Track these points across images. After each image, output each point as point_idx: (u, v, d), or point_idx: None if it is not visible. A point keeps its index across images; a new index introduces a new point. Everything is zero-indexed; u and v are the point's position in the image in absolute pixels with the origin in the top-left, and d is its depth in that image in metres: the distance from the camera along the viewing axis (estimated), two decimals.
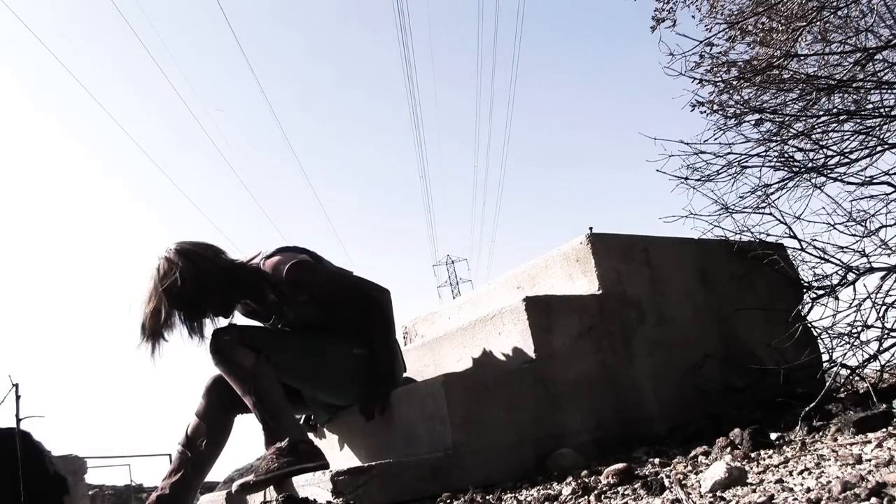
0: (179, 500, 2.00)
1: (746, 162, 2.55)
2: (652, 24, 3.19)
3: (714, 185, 2.61)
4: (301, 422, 2.33)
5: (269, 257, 2.09)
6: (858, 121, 2.55)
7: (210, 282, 2.01)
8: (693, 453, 1.63)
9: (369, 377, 2.05)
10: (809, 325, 2.36)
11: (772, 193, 2.54)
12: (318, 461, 1.85)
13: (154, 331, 1.97)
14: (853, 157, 2.46)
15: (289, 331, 2.15)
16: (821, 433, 1.59)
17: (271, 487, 1.92)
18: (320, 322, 2.13)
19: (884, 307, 2.11)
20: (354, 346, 2.11)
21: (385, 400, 2.01)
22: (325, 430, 2.36)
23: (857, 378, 2.33)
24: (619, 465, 1.45)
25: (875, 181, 2.36)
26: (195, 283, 1.98)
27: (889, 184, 2.34)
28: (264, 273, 2.07)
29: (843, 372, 2.23)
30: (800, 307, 2.30)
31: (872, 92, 2.59)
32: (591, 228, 2.22)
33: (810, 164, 2.50)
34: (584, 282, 2.21)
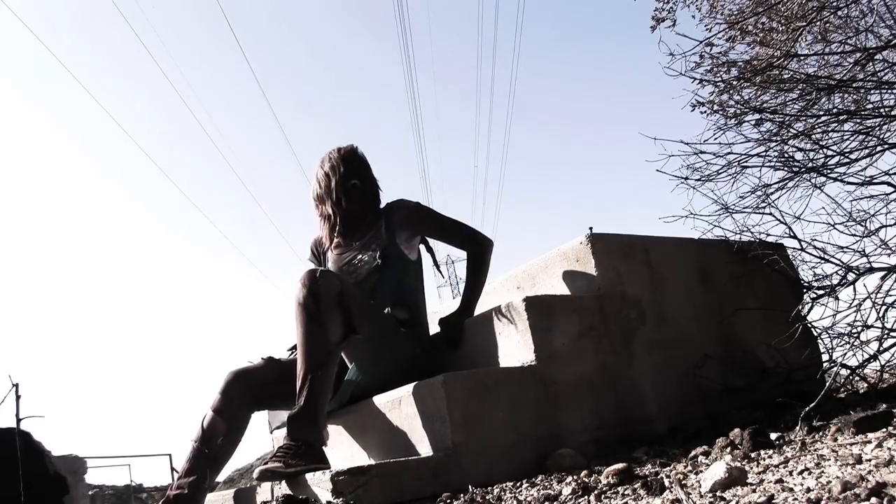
0: (197, 500, 1.95)
1: (746, 162, 2.56)
2: (652, 24, 3.20)
3: (714, 185, 2.61)
4: None
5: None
6: (858, 121, 2.55)
7: (358, 188, 2.31)
8: (693, 453, 1.63)
9: (418, 376, 2.01)
10: (809, 325, 2.36)
11: (772, 193, 2.54)
12: (327, 464, 1.86)
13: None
14: (853, 157, 2.47)
15: (374, 304, 2.14)
16: (821, 433, 1.59)
17: (274, 487, 1.92)
18: (402, 275, 2.24)
19: (884, 307, 2.11)
20: (417, 345, 2.15)
21: (461, 328, 2.20)
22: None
23: (857, 378, 2.34)
24: (619, 465, 1.45)
25: (875, 181, 2.36)
26: (353, 188, 2.30)
27: (889, 184, 2.34)
28: (388, 205, 2.35)
29: (843, 372, 2.23)
30: (800, 307, 2.30)
31: (872, 92, 2.59)
32: (591, 228, 2.22)
33: (810, 164, 2.50)
34: (584, 282, 2.21)
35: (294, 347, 2.14)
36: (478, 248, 2.31)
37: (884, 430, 1.45)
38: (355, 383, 2.16)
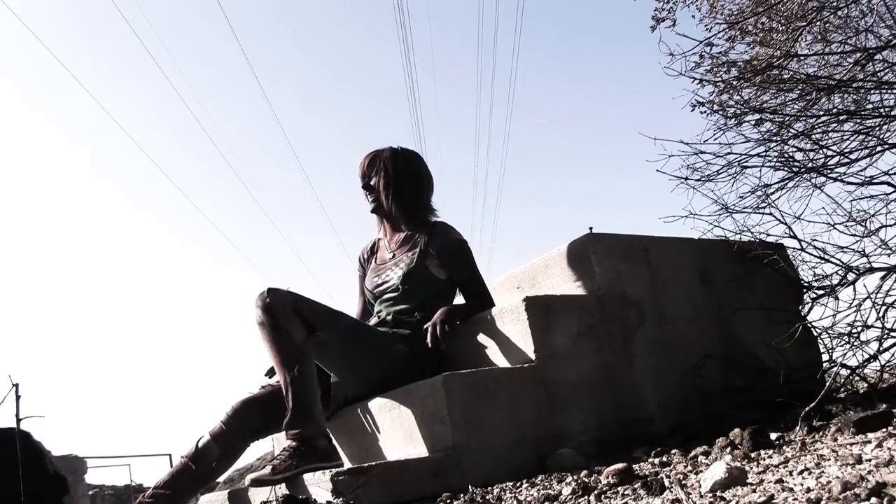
0: None
1: (746, 162, 2.56)
2: (652, 23, 3.19)
3: (714, 185, 2.61)
4: None
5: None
6: (858, 121, 2.55)
7: (410, 191, 2.38)
8: (693, 453, 1.63)
9: (408, 377, 2.03)
10: (809, 325, 2.36)
11: (772, 193, 2.54)
12: (333, 461, 1.85)
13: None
14: (853, 157, 2.47)
15: (340, 312, 2.16)
16: (821, 433, 1.59)
17: (274, 487, 1.92)
18: (424, 296, 2.25)
19: (884, 307, 2.11)
20: (398, 342, 2.14)
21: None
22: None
23: (857, 378, 2.34)
24: (619, 465, 1.45)
25: (875, 181, 2.37)
26: (404, 185, 2.37)
27: (889, 184, 2.34)
28: (435, 224, 2.38)
29: (843, 372, 2.23)
30: (800, 307, 2.30)
31: (872, 92, 2.59)
32: (591, 228, 2.23)
33: (810, 164, 2.50)
34: (584, 282, 2.21)
35: (271, 370, 2.17)
36: (480, 307, 2.27)
37: (884, 430, 1.45)
38: (345, 388, 2.17)
